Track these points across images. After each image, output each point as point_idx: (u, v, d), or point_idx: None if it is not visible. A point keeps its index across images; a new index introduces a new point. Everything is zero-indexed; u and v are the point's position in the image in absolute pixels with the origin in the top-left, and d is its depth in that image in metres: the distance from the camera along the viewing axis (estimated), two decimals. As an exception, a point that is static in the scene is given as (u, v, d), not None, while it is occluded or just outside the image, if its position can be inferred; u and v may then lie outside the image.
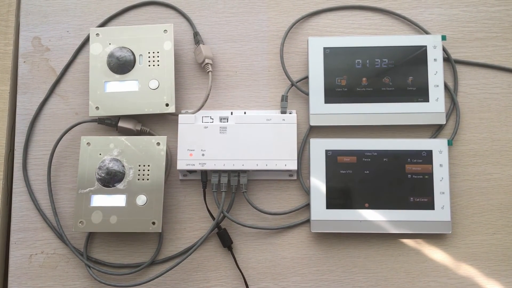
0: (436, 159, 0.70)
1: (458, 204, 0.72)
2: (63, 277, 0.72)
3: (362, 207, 0.70)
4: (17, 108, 0.77)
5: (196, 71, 0.77)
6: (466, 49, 0.76)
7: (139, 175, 0.70)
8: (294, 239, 0.72)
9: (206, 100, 0.73)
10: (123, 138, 0.71)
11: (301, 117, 0.74)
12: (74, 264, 0.72)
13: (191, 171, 0.72)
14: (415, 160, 0.70)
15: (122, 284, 0.70)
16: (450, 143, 0.71)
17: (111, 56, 0.73)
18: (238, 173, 0.71)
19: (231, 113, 0.73)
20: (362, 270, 0.71)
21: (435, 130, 0.74)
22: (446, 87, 0.74)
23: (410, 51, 0.73)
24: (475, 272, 0.70)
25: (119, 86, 0.73)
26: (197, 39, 0.76)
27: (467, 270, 0.70)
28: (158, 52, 0.73)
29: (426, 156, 0.70)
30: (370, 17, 0.77)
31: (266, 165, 0.70)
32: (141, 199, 0.69)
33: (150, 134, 0.74)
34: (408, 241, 0.71)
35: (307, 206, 0.72)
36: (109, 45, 0.74)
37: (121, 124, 0.73)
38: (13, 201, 0.74)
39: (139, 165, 0.70)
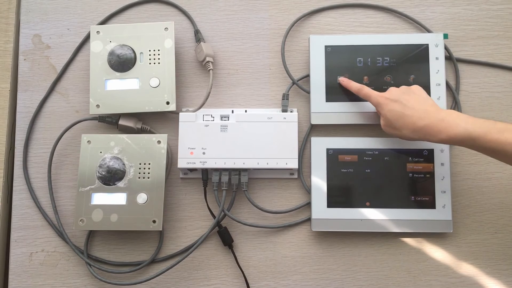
0: (438, 158, 0.70)
1: (459, 203, 0.72)
2: (64, 275, 0.72)
3: (363, 206, 0.70)
4: (17, 106, 0.77)
5: (197, 69, 0.77)
6: (468, 47, 0.75)
7: (139, 173, 0.70)
8: (295, 237, 0.72)
9: (207, 98, 0.73)
10: (123, 136, 0.71)
11: (302, 115, 0.74)
12: (75, 262, 0.72)
13: (192, 170, 0.72)
14: (416, 159, 0.70)
15: (122, 282, 0.70)
16: (451, 142, 0.71)
17: (111, 54, 0.73)
18: (239, 171, 0.71)
19: (232, 112, 0.73)
20: (363, 269, 0.71)
21: (436, 129, 0.73)
22: (447, 85, 0.74)
23: (411, 50, 0.72)
24: (476, 271, 0.70)
25: (119, 84, 0.73)
26: (198, 37, 0.75)
27: (468, 269, 0.70)
28: (158, 50, 0.73)
29: (427, 155, 0.70)
30: (371, 15, 0.77)
31: (267, 163, 0.69)
32: (141, 197, 0.69)
33: (150, 132, 0.74)
34: (409, 240, 0.71)
35: (308, 204, 0.72)
36: (110, 43, 0.74)
37: (121, 122, 0.73)
38: (13, 199, 0.74)
39: (140, 163, 0.70)
